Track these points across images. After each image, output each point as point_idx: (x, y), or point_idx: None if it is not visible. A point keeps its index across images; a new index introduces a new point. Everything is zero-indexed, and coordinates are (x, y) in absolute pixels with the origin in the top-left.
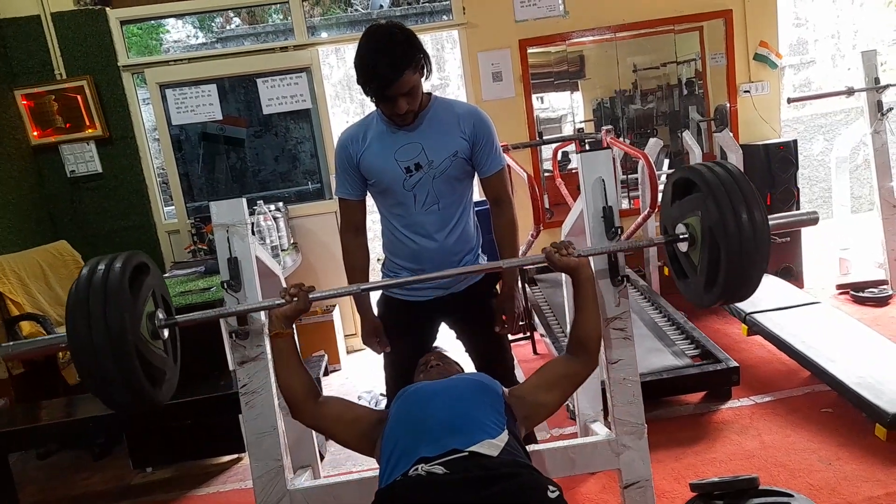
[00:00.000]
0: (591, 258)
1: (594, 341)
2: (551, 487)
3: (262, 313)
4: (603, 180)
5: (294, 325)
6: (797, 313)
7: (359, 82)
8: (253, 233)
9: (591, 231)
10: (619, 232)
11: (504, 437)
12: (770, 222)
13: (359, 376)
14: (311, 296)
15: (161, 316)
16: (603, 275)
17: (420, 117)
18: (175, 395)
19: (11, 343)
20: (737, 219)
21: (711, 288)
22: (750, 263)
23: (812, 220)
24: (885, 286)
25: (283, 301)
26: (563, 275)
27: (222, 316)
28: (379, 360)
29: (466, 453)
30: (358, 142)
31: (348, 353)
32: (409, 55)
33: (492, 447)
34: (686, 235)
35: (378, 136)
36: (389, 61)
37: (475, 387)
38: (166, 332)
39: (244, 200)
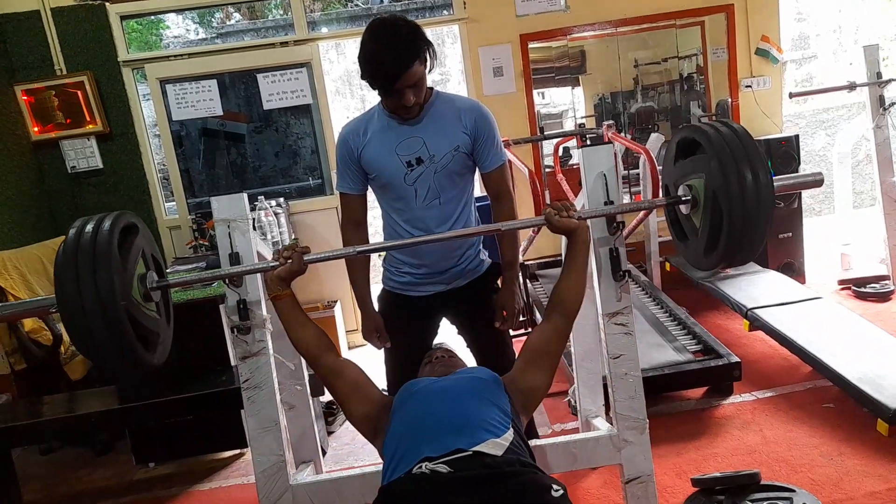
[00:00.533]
0: (589, 221)
1: (574, 303)
2: (555, 486)
3: (263, 307)
4: (604, 175)
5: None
6: (799, 309)
7: (364, 77)
8: (254, 228)
9: (594, 227)
10: (621, 227)
11: (509, 436)
12: (775, 184)
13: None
14: (305, 258)
15: (153, 277)
16: (604, 270)
17: (422, 111)
18: (177, 390)
19: (1, 304)
20: (741, 182)
21: (712, 252)
22: (753, 227)
23: (817, 181)
24: (886, 281)
25: (278, 263)
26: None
27: (214, 279)
28: (380, 355)
29: (470, 453)
30: (359, 136)
31: (350, 348)
32: (416, 47)
33: (496, 446)
34: (688, 197)
35: (379, 131)
36: (396, 55)
37: (479, 384)
38: (158, 294)
39: (245, 196)
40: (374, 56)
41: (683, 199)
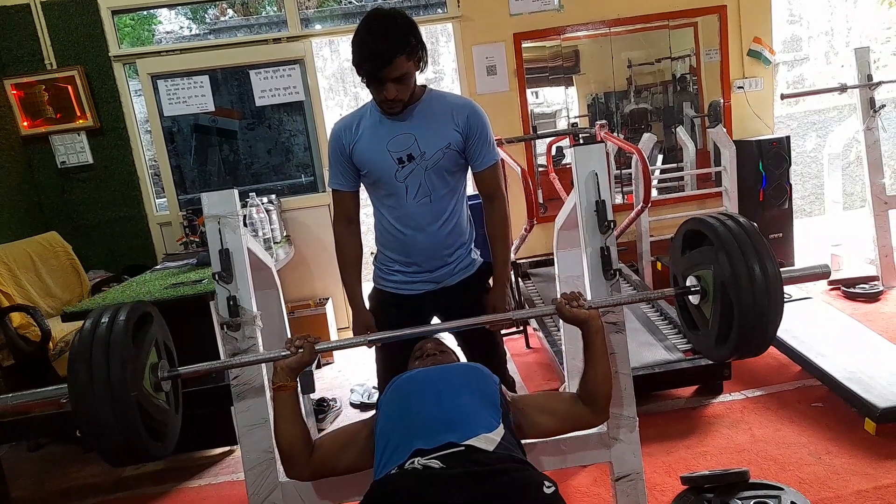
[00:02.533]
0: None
1: (605, 396)
2: (547, 483)
3: (252, 304)
4: (596, 174)
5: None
6: (788, 308)
7: (353, 62)
8: (245, 225)
9: (584, 225)
10: (612, 226)
11: (500, 431)
12: (782, 276)
13: (351, 369)
14: (317, 347)
15: (165, 367)
16: (595, 268)
17: (413, 108)
18: None
19: (10, 395)
20: (750, 275)
21: (724, 343)
22: (764, 320)
23: (824, 273)
24: (875, 282)
25: (288, 353)
26: (556, 268)
27: (227, 367)
28: (371, 354)
29: (462, 447)
30: (351, 132)
31: None
32: (406, 41)
33: (488, 441)
34: (697, 288)
35: (371, 127)
36: (386, 44)
37: (471, 378)
38: (169, 384)
39: (236, 192)
40: (365, 41)
41: (692, 289)
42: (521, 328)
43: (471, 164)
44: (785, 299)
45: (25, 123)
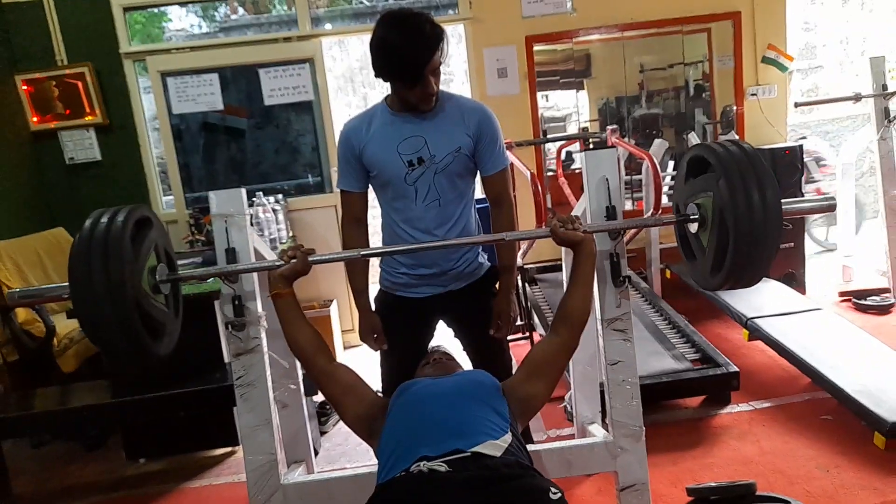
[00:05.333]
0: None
1: (580, 317)
2: (553, 490)
3: (258, 305)
4: (607, 179)
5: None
6: (799, 319)
7: (384, 69)
8: (252, 224)
9: (594, 231)
10: (622, 233)
11: (507, 438)
12: (784, 206)
13: (355, 370)
14: (310, 258)
15: (164, 270)
16: (604, 276)
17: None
18: (170, 386)
19: (18, 290)
20: (748, 201)
21: (718, 271)
22: (758, 248)
23: (830, 206)
24: (887, 294)
25: (282, 262)
26: (564, 274)
27: (222, 273)
28: (376, 356)
29: (469, 454)
30: (361, 133)
31: (345, 348)
32: (438, 31)
33: (495, 448)
34: (697, 216)
35: (381, 128)
36: (424, 40)
37: (478, 387)
38: (168, 287)
39: (243, 191)
40: (401, 44)
41: (692, 217)
42: (528, 334)
43: (480, 168)
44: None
45: (35, 119)
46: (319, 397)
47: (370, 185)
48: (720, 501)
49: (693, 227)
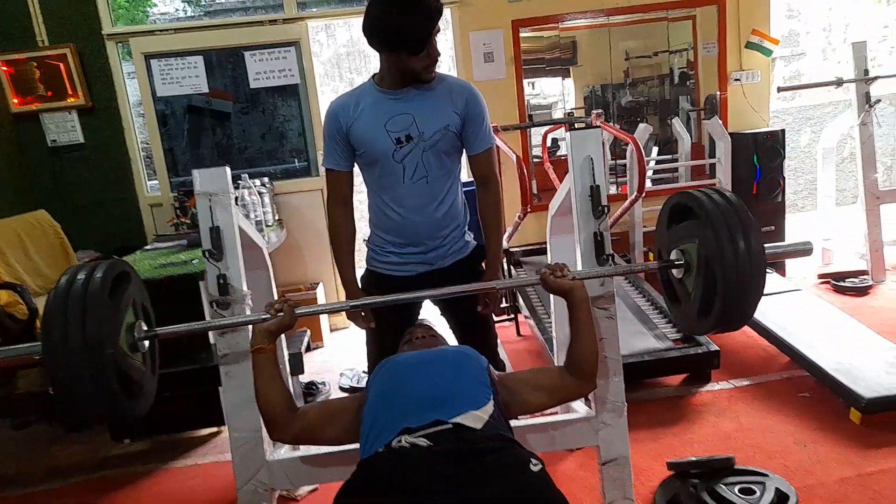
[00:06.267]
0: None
1: (591, 365)
2: (534, 461)
3: (242, 280)
4: (591, 159)
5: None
6: (778, 300)
7: (384, 37)
8: (237, 205)
9: (578, 210)
10: (606, 211)
11: (488, 408)
12: (766, 251)
13: (341, 354)
14: (297, 311)
15: (142, 328)
16: (588, 254)
17: (412, 89)
18: None
19: None
20: (735, 249)
21: (706, 316)
22: (746, 294)
23: (806, 250)
24: (865, 276)
25: (268, 316)
26: (549, 255)
27: (207, 329)
28: (362, 338)
29: (450, 425)
30: (349, 111)
31: (331, 331)
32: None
33: (476, 419)
34: (681, 262)
35: (370, 106)
36: (427, 6)
37: (459, 358)
38: (146, 344)
39: (227, 169)
40: (406, 9)
41: (676, 263)
42: (513, 316)
43: (466, 147)
44: (773, 288)
45: (16, 100)
46: (305, 377)
47: (356, 165)
48: (700, 475)
49: (677, 273)
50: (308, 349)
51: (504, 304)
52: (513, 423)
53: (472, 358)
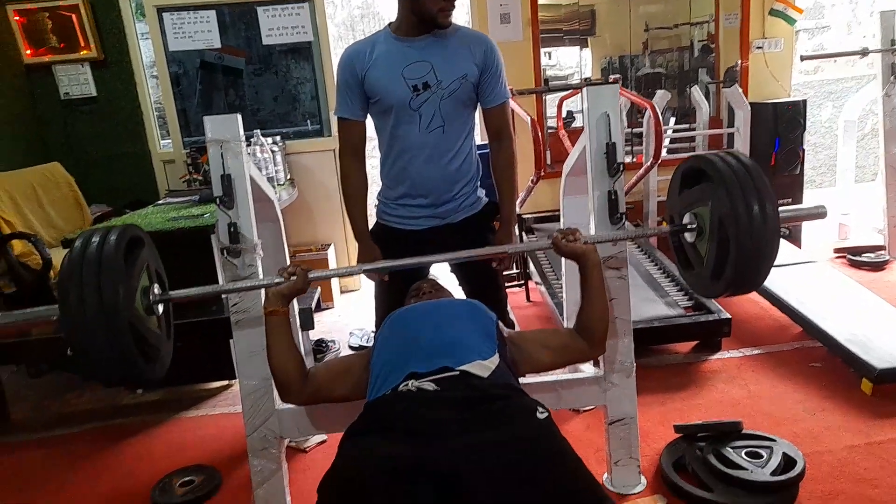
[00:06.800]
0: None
1: (601, 330)
2: (540, 409)
3: (253, 231)
4: (608, 115)
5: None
6: (793, 271)
7: None
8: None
9: (594, 168)
10: (621, 168)
11: (495, 359)
12: (781, 214)
13: (351, 315)
14: (310, 275)
15: (156, 291)
16: (602, 214)
17: (429, 38)
18: None
19: (1, 314)
20: (749, 211)
21: (718, 279)
22: (759, 257)
23: (820, 213)
24: (882, 251)
25: (282, 280)
26: (562, 215)
27: (220, 293)
28: (372, 299)
29: (458, 372)
30: (364, 58)
31: (342, 292)
32: None
33: (483, 368)
34: (694, 225)
35: (386, 53)
36: None
37: (468, 309)
38: (160, 308)
39: (238, 117)
40: None
41: (689, 227)
42: (523, 282)
43: (482, 100)
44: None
45: (28, 52)
46: (316, 334)
47: (370, 115)
48: (706, 438)
49: (690, 237)
50: (319, 308)
51: (515, 270)
52: (520, 380)
53: (480, 310)
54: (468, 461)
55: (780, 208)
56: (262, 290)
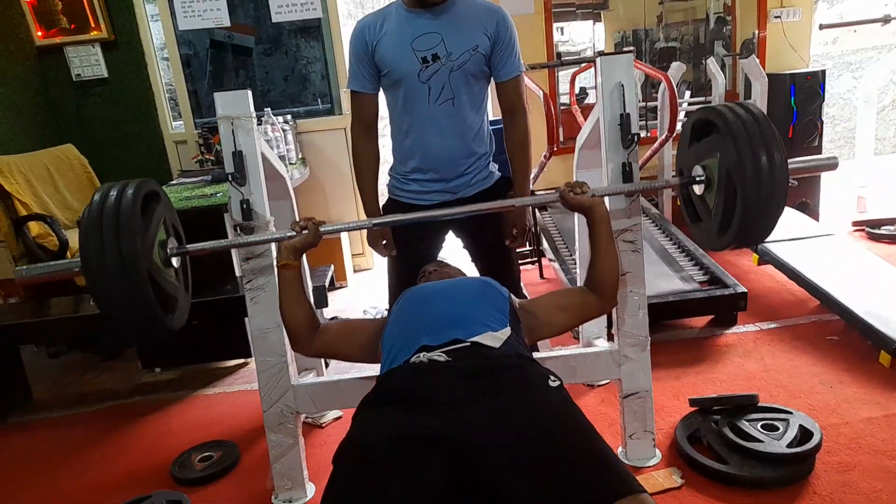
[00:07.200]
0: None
1: (611, 283)
2: (552, 377)
3: (266, 208)
4: (622, 86)
5: (304, 257)
6: (810, 244)
7: None
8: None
9: (607, 140)
10: (636, 139)
11: (506, 331)
12: (789, 166)
13: (364, 293)
14: (322, 229)
15: (173, 244)
16: (615, 184)
17: (441, 8)
18: None
19: (25, 267)
20: (756, 162)
21: (725, 231)
22: (766, 208)
23: (832, 164)
24: None
25: (294, 233)
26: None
27: (233, 246)
28: (384, 279)
29: (468, 343)
30: (375, 30)
31: (355, 271)
32: None
33: (494, 339)
34: (702, 177)
35: (396, 25)
36: None
37: (480, 286)
38: (177, 261)
39: (249, 93)
40: None
41: (697, 178)
42: (536, 259)
43: (494, 73)
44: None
45: (40, 33)
46: (330, 312)
47: (382, 92)
48: (722, 411)
49: (698, 189)
50: (332, 287)
51: (528, 248)
52: (534, 354)
53: (493, 287)
54: (479, 428)
55: (790, 159)
56: (274, 245)
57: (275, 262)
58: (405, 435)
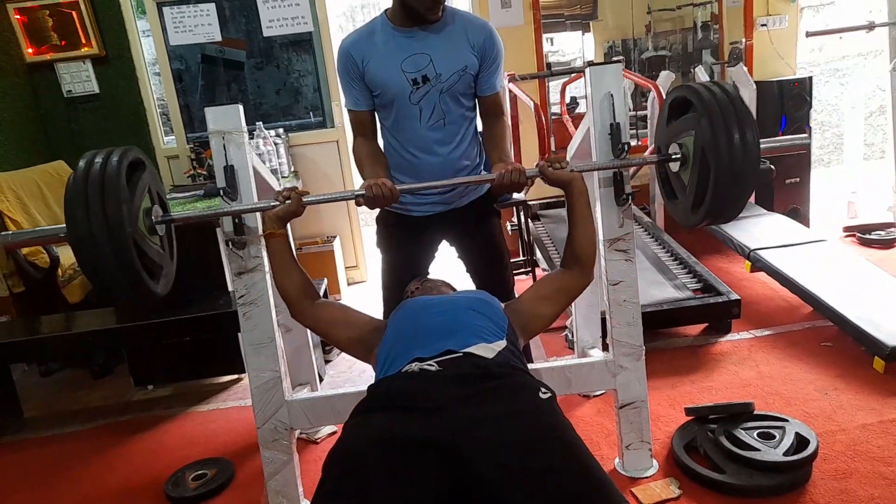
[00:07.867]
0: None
1: (589, 255)
2: (543, 389)
3: (258, 221)
4: (612, 95)
5: (288, 226)
6: (802, 250)
7: None
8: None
9: (598, 149)
10: (627, 148)
11: (501, 343)
12: (762, 146)
13: (358, 306)
14: (304, 199)
15: (157, 212)
16: (607, 195)
17: (429, 27)
18: (175, 312)
19: (10, 232)
20: (728, 139)
21: (698, 208)
22: (737, 185)
23: (803, 144)
24: (892, 229)
25: (277, 203)
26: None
27: (217, 216)
28: (378, 291)
29: (461, 354)
30: (362, 47)
31: (349, 284)
32: None
33: (487, 350)
34: (679, 155)
35: (384, 45)
36: None
37: (475, 300)
38: (162, 230)
39: (240, 107)
40: None
41: (673, 156)
42: (530, 269)
43: (478, 87)
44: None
45: (30, 50)
46: None
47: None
48: (718, 420)
49: (675, 167)
50: (325, 298)
51: (521, 258)
52: (530, 366)
53: (488, 301)
54: (468, 434)
55: (762, 139)
56: (259, 214)
57: (265, 257)
58: (394, 439)
